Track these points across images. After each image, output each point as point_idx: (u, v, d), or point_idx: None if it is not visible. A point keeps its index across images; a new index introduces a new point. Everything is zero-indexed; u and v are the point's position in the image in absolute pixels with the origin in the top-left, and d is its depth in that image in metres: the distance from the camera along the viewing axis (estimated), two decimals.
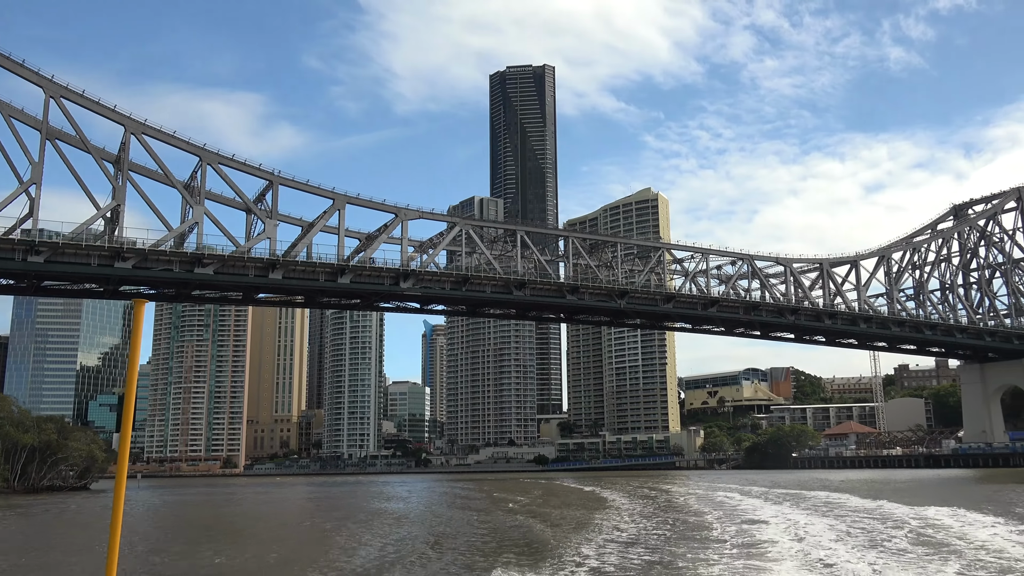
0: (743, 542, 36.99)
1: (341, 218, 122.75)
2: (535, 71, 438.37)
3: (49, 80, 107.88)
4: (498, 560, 34.44)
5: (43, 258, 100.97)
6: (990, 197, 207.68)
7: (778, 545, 35.45)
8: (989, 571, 27.07)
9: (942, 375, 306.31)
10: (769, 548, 34.38)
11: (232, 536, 55.54)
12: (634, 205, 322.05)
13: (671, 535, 42.53)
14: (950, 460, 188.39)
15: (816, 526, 43.35)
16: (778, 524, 44.96)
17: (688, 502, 69.24)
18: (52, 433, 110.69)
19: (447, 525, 56.75)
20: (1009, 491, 78.70)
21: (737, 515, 52.68)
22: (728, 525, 45.84)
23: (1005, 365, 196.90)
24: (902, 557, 30.59)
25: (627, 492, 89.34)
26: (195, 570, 36.49)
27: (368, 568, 34.49)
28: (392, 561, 36.58)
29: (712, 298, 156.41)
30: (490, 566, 32.50)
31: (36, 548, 47.80)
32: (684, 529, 45.66)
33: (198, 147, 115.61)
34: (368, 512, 73.47)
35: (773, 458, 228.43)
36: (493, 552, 38.30)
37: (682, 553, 35.08)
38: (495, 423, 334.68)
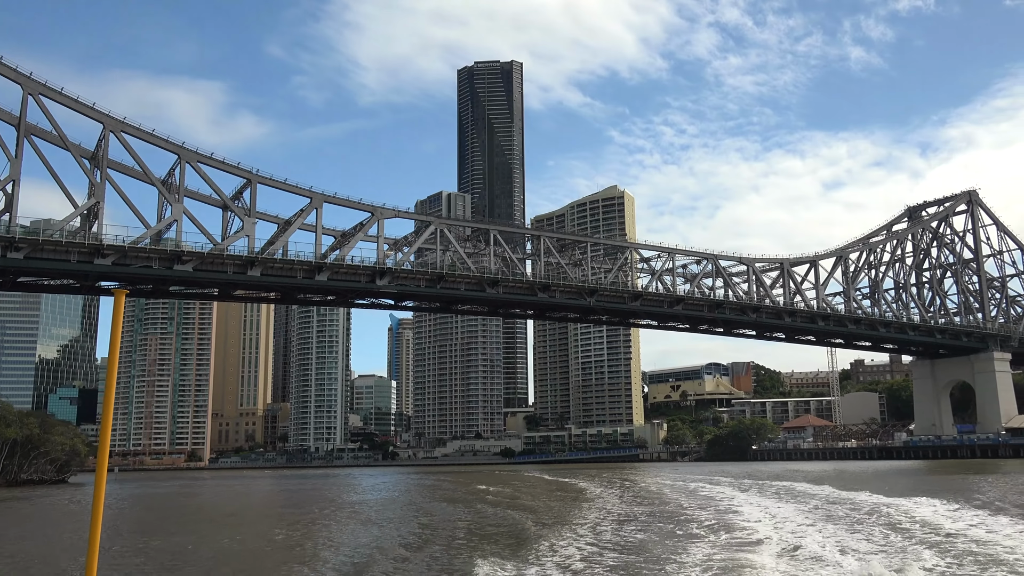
0: (722, 526, 40.72)
1: (319, 216, 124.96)
2: (503, 67, 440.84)
3: (27, 77, 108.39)
4: (486, 549, 35.68)
5: (23, 254, 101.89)
6: (943, 200, 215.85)
7: (758, 527, 39.17)
8: (933, 544, 31.06)
9: (895, 370, 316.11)
10: (749, 531, 37.97)
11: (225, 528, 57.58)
12: (601, 203, 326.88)
13: (654, 518, 46.24)
14: (902, 452, 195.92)
15: (784, 510, 47.57)
16: (751, 509, 49.06)
17: (663, 491, 73.29)
18: (35, 427, 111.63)
19: (430, 515, 59.13)
20: (957, 480, 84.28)
21: (711, 502, 56.83)
22: (705, 511, 49.79)
23: (954, 361, 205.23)
24: (859, 533, 34.59)
25: (602, 482, 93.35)
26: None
27: (355, 561, 34.50)
28: (372, 556, 36.14)
29: (678, 296, 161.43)
30: (485, 554, 33.59)
31: (28, 537, 49.74)
32: (665, 514, 49.44)
33: (177, 145, 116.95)
34: (346, 504, 75.89)
35: (734, 450, 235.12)
36: (482, 540, 39.77)
37: (670, 531, 38.81)
38: (462, 417, 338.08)
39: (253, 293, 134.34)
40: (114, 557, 36.88)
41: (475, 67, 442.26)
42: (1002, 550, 28.41)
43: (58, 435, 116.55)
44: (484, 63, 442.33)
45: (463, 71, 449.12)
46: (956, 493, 58.75)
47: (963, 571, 24.87)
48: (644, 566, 28.96)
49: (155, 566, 35.76)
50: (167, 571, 34.50)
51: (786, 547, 31.43)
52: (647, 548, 33.90)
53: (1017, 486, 67.01)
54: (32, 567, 36.78)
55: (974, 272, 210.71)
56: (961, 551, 28.94)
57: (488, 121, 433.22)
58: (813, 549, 30.46)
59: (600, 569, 28.88)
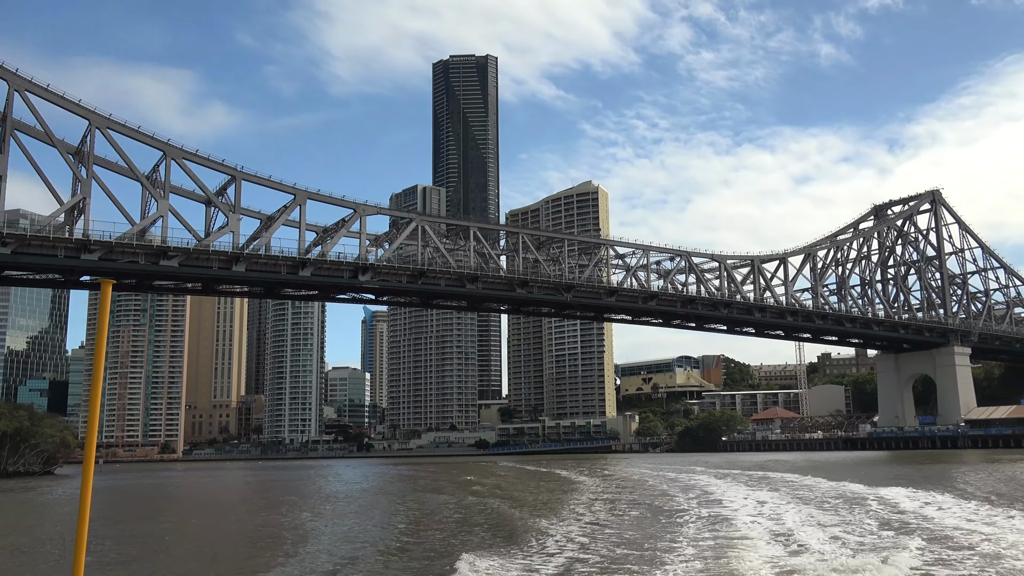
0: (707, 512, 44.13)
1: (302, 213, 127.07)
2: (478, 61, 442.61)
3: (13, 73, 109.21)
4: (483, 537, 36.25)
5: (10, 249, 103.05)
6: (907, 199, 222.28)
7: (739, 512, 42.26)
8: (897, 524, 34.79)
9: (861, 364, 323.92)
10: (732, 516, 41.08)
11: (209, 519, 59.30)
12: (575, 197, 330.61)
13: (643, 505, 49.65)
14: (866, 443, 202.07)
15: (760, 495, 51.31)
16: (731, 496, 52.70)
17: (646, 480, 76.97)
18: (25, 420, 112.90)
19: (419, 506, 60.23)
20: (921, 469, 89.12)
21: (691, 489, 60.52)
22: (689, 498, 53.28)
23: (917, 355, 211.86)
24: (827, 512, 38.31)
25: (584, 472, 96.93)
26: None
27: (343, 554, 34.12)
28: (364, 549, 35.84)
29: (652, 292, 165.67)
30: (482, 541, 34.06)
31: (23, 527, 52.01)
32: (653, 501, 52.88)
33: (162, 142, 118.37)
34: (333, 495, 77.96)
35: (704, 442, 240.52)
36: (478, 529, 40.25)
37: (665, 509, 42.17)
38: (437, 409, 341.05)
39: (236, 287, 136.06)
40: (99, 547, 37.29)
41: (450, 61, 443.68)
42: (981, 538, 30.12)
43: (48, 427, 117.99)
44: (459, 57, 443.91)
45: (438, 64, 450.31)
46: (939, 483, 61.76)
47: (952, 556, 26.33)
48: (647, 547, 31.98)
49: (137, 554, 36.34)
50: (148, 560, 34.70)
51: (779, 536, 32.51)
52: (646, 530, 37.14)
53: (995, 475, 70.85)
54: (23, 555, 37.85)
55: (937, 269, 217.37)
56: (945, 537, 31.00)
57: (463, 115, 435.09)
58: (802, 538, 31.77)
59: (604, 548, 31.73)
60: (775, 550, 28.26)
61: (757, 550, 28.00)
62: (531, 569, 26.53)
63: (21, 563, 35.38)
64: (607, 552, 30.22)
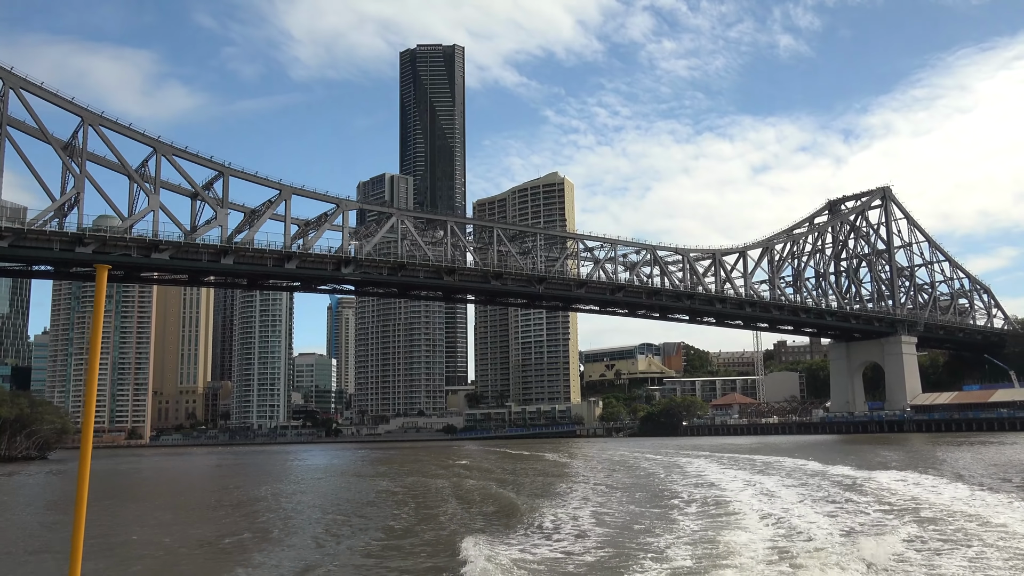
0: (693, 482, 51.34)
1: (287, 208, 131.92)
2: (445, 51, 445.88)
3: (8, 71, 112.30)
4: (484, 520, 36.64)
5: (7, 243, 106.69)
6: (860, 195, 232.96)
7: (728, 490, 46.76)
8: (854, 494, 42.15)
9: (815, 351, 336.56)
10: (724, 493, 47.61)
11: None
12: (542, 188, 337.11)
13: (632, 478, 56.53)
14: (819, 427, 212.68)
15: (736, 472, 58.59)
16: (710, 471, 59.96)
17: (627, 460, 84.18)
18: (26, 407, 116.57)
19: (417, 490, 63.04)
20: (866, 451, 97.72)
21: (673, 466, 67.68)
22: (672, 472, 60.37)
23: (867, 344, 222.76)
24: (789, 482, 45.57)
25: (566, 455, 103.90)
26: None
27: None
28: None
29: (619, 284, 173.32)
30: (484, 527, 33.85)
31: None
32: (640, 476, 59.83)
33: (153, 139, 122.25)
34: (321, 478, 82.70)
35: (666, 426, 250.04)
36: (480, 514, 40.34)
37: (664, 490, 48.77)
38: (404, 394, 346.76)
39: (222, 278, 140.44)
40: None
41: (418, 50, 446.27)
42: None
43: (48, 414, 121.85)
44: (427, 46, 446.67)
45: (405, 54, 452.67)
46: (929, 466, 63.44)
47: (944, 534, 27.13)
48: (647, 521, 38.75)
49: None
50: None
51: (770, 521, 32.82)
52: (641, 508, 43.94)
53: (979, 457, 76.15)
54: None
55: (886, 262, 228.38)
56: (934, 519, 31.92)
57: (430, 104, 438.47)
58: (787, 518, 32.81)
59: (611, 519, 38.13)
60: (765, 526, 30.29)
61: (749, 529, 29.36)
62: (543, 549, 27.05)
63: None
64: (618, 528, 32.21)
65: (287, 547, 31.83)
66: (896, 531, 27.87)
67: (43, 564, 30.43)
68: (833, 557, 22.48)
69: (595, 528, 32.46)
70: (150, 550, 32.07)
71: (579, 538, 29.72)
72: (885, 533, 27.35)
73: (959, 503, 35.21)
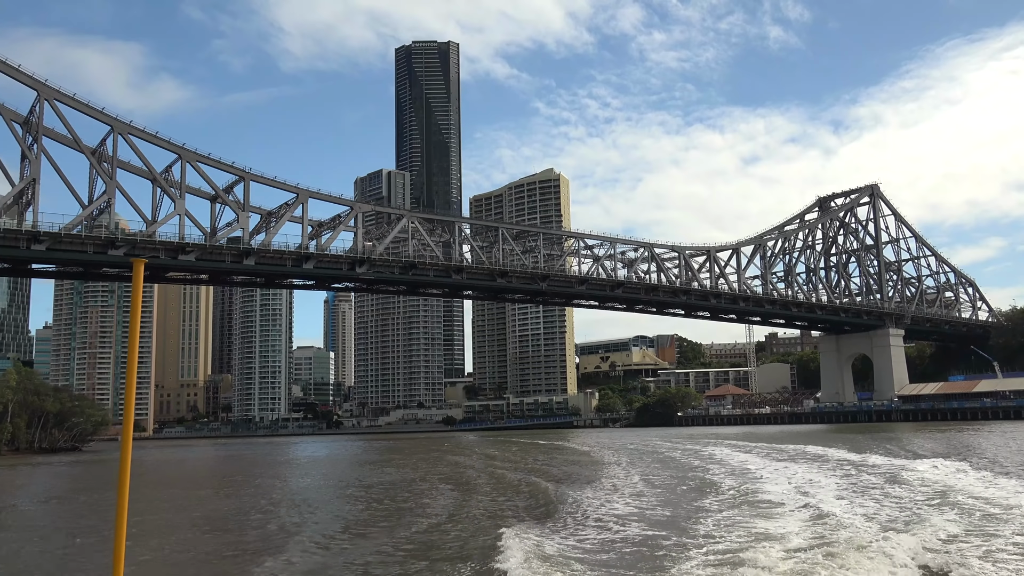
0: (718, 461, 57.92)
1: (304, 210, 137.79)
2: (440, 47, 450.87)
3: (33, 78, 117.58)
4: (522, 509, 37.30)
5: (44, 246, 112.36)
6: (849, 192, 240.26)
7: (766, 475, 49.74)
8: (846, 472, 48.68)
9: (805, 342, 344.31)
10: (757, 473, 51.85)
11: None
12: (538, 184, 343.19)
13: (658, 462, 63.06)
14: (810, 417, 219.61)
15: (743, 455, 65.15)
16: (722, 454, 66.52)
17: (642, 446, 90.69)
18: (68, 401, 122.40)
19: (451, 477, 69.12)
20: (854, 438, 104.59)
21: (692, 452, 74.13)
22: (694, 459, 66.64)
23: (856, 336, 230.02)
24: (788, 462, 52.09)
25: (586, 444, 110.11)
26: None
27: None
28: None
29: (618, 281, 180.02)
30: (523, 516, 34.46)
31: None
32: (664, 460, 66.24)
33: (178, 146, 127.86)
34: (346, 469, 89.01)
35: (661, 417, 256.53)
36: (514, 501, 41.22)
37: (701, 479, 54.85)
38: (404, 387, 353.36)
39: (241, 278, 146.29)
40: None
41: (412, 47, 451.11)
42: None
43: (88, 408, 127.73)
44: (421, 43, 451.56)
45: (400, 50, 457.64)
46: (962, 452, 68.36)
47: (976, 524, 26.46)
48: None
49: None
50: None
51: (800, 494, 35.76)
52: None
53: (1002, 444, 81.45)
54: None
55: (875, 257, 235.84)
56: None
57: (425, 100, 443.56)
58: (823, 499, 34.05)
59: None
60: (801, 511, 31.03)
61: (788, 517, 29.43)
62: (582, 539, 27.43)
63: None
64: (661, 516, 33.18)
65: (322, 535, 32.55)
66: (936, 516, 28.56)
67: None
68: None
69: (636, 512, 34.66)
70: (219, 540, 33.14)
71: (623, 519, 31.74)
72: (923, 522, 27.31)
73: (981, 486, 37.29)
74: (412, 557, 26.17)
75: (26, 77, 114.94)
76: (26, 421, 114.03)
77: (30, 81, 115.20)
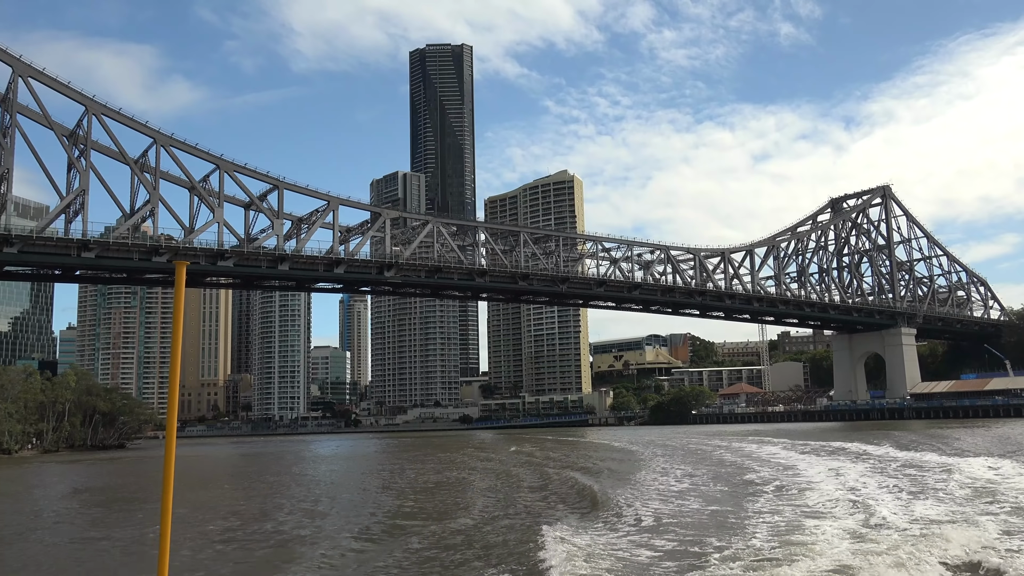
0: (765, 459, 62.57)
1: (335, 217, 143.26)
2: (454, 49, 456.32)
3: (82, 95, 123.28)
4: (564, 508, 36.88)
5: (94, 254, 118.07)
6: (861, 193, 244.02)
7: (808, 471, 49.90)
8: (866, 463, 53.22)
9: (818, 341, 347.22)
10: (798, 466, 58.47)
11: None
12: (552, 186, 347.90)
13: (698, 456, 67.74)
14: (823, 415, 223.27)
15: (790, 455, 69.57)
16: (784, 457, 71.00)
17: (675, 442, 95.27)
18: (119, 400, 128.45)
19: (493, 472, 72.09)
20: (869, 435, 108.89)
21: (732, 448, 78.38)
22: (735, 455, 71.16)
23: (869, 335, 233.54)
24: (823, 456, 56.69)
25: (619, 440, 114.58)
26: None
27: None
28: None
29: (635, 283, 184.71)
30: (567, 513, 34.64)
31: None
32: (734, 472, 70.93)
33: (216, 157, 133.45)
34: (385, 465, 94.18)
35: (676, 415, 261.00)
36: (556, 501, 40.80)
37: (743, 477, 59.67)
38: (421, 386, 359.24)
39: (274, 282, 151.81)
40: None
41: (427, 50, 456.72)
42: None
43: (136, 408, 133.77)
44: (436, 46, 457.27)
45: (415, 53, 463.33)
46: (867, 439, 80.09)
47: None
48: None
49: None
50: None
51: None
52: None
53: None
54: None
55: (887, 257, 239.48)
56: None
57: (440, 103, 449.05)
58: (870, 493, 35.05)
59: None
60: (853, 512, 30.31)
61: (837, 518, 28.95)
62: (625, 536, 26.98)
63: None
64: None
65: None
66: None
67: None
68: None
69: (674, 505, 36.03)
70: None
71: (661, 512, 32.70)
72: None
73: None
74: (462, 547, 26.59)
75: (75, 93, 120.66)
76: (80, 420, 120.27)
77: (79, 97, 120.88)
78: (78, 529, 38.68)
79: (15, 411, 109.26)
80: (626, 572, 21.03)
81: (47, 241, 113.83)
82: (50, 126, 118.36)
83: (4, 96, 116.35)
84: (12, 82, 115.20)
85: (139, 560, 28.07)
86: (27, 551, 31.69)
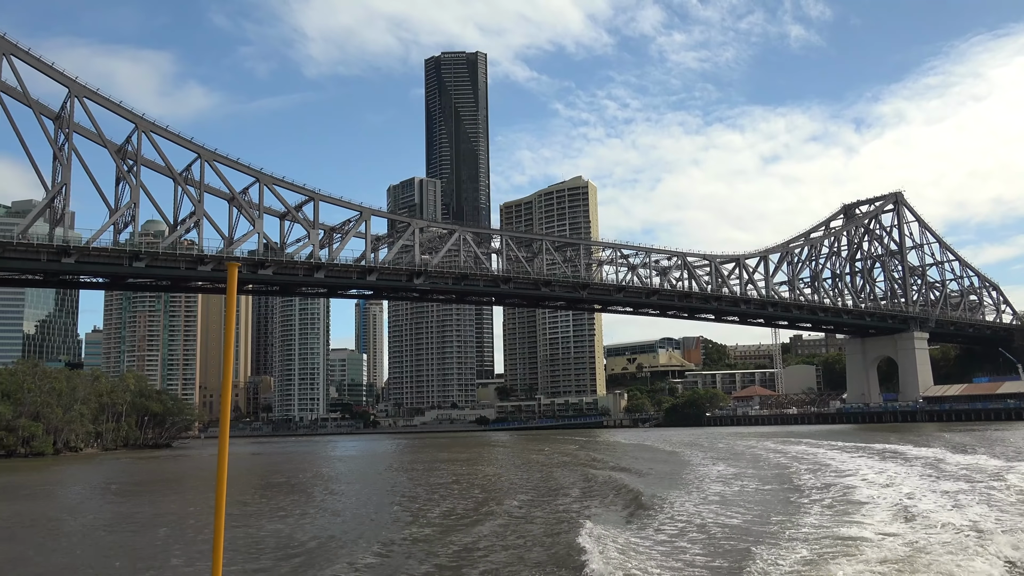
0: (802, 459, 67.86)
1: (367, 227, 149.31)
2: (468, 57, 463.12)
3: (133, 113, 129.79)
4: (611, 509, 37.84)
5: (144, 263, 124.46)
6: (873, 199, 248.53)
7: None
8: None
9: (830, 344, 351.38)
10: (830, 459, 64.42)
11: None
12: (567, 192, 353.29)
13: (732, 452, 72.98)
14: (836, 417, 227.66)
15: (825, 453, 74.91)
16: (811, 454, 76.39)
17: (702, 441, 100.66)
18: (169, 402, 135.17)
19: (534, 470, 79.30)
20: (880, 436, 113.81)
21: (774, 449, 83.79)
22: (770, 453, 76.58)
23: (881, 339, 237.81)
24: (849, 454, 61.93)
25: (650, 440, 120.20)
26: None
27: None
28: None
29: (653, 289, 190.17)
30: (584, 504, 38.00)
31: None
32: (778, 473, 76.26)
33: (256, 170, 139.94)
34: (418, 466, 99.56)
35: (690, 417, 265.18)
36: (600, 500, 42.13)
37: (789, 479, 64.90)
38: (438, 388, 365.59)
39: (311, 290, 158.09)
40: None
41: (442, 57, 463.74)
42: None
43: (185, 409, 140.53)
44: (451, 53, 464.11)
45: (430, 61, 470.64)
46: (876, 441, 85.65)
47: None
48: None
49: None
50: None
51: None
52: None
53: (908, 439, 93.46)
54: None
55: (899, 262, 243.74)
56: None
57: (455, 109, 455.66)
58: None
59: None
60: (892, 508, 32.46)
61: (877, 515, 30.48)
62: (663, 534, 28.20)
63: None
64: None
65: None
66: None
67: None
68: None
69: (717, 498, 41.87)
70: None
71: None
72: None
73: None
74: (500, 547, 27.32)
75: (126, 112, 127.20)
76: (135, 420, 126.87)
77: (130, 116, 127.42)
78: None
79: (87, 412, 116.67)
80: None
81: (101, 252, 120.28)
82: (104, 144, 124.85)
83: (58, 115, 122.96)
84: (68, 102, 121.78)
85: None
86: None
